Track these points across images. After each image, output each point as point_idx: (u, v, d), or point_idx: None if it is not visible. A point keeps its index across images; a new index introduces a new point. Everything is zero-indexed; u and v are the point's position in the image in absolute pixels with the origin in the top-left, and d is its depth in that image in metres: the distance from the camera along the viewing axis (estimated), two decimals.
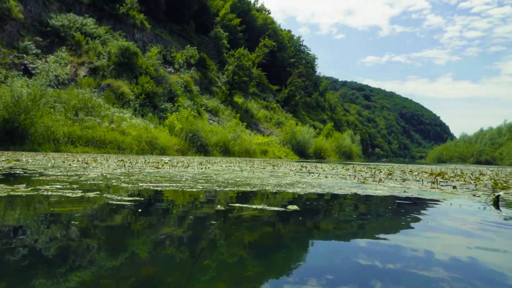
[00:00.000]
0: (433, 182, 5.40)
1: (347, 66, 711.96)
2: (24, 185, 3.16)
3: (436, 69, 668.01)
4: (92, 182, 3.76)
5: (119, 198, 2.68)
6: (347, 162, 24.21)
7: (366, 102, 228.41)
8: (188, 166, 7.55)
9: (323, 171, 8.14)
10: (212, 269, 1.25)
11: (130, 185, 3.58)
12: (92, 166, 6.40)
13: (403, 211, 2.60)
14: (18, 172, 4.65)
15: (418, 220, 2.30)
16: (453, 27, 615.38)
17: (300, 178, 5.56)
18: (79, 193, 2.79)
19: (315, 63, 73.78)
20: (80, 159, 8.60)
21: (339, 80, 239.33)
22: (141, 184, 3.68)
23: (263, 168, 8.27)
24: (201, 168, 7.01)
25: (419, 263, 1.39)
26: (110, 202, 2.51)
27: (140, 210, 2.29)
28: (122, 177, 4.46)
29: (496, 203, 2.88)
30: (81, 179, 4.00)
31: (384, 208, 2.80)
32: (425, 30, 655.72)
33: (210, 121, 29.93)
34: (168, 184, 3.79)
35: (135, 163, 8.10)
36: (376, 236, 1.89)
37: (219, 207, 2.50)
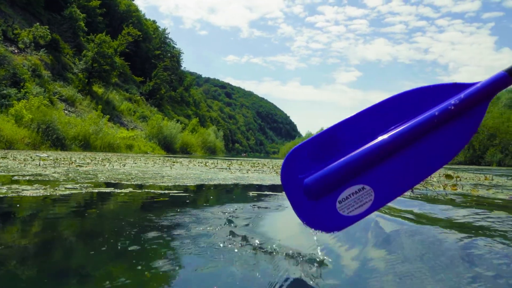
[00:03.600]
0: None
1: (210, 63, 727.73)
2: None
3: (287, 73, 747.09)
4: None
5: None
6: (213, 157, 25.42)
7: (227, 99, 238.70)
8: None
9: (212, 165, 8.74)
10: None
11: None
12: None
13: None
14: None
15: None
16: (301, 37, 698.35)
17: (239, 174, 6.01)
18: None
19: (181, 58, 73.47)
20: None
21: (203, 76, 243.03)
22: None
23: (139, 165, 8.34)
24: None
25: None
26: None
27: None
28: None
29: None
30: None
31: None
32: (279, 37, 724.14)
33: (66, 111, 26.82)
34: None
35: None
36: None
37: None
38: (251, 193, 3.28)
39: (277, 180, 4.90)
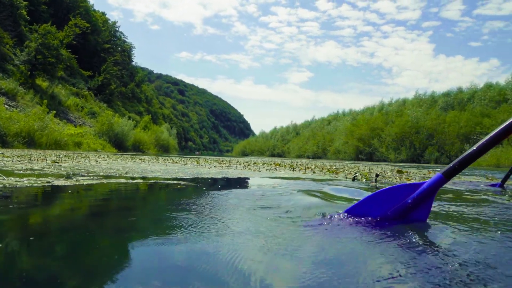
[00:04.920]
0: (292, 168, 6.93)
1: (163, 59, 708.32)
2: None
3: (241, 72, 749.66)
4: None
5: None
6: (166, 155, 25.02)
7: (180, 96, 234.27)
8: None
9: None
10: None
11: None
12: None
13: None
14: None
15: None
16: (255, 36, 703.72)
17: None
18: None
19: (132, 52, 70.93)
20: None
21: (155, 72, 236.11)
22: None
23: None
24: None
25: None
26: None
27: None
28: None
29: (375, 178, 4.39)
30: None
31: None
32: (233, 35, 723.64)
33: (7, 106, 24.91)
34: None
35: None
36: None
37: None
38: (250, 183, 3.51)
39: (245, 174, 5.15)
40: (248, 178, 4.58)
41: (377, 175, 4.61)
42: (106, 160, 8.62)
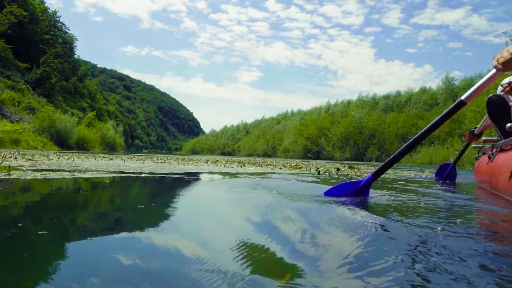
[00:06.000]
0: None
1: (107, 53, 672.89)
2: None
3: (190, 69, 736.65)
4: None
5: None
6: (113, 153, 24.24)
7: (126, 92, 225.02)
8: None
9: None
10: None
11: None
12: None
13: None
14: None
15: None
16: (205, 34, 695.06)
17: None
18: None
19: (74, 45, 66.93)
20: None
21: (98, 66, 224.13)
22: None
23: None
24: None
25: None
26: None
27: None
28: None
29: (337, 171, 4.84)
30: None
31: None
32: (182, 31, 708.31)
33: None
34: None
35: None
36: None
37: None
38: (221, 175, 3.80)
39: (226, 170, 5.44)
40: (238, 172, 4.89)
41: (338, 170, 5.30)
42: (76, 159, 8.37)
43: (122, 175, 3.91)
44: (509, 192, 2.18)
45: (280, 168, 6.78)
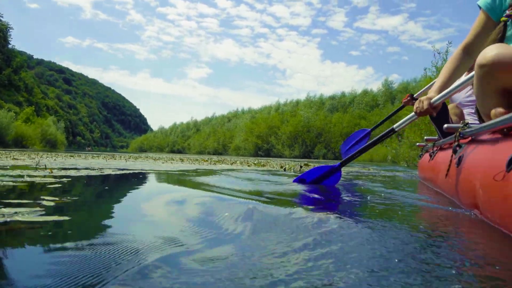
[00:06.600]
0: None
1: (44, 43, 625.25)
2: None
3: (137, 63, 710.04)
4: None
5: None
6: (54, 151, 23.13)
7: (66, 86, 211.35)
8: None
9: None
10: None
11: None
12: None
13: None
14: None
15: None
16: (152, 27, 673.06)
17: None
18: None
19: (9, 34, 61.81)
20: None
21: (35, 57, 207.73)
22: None
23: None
24: None
25: None
26: None
27: None
28: None
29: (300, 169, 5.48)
30: None
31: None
32: (128, 24, 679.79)
33: None
34: None
35: None
36: None
37: None
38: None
39: (188, 167, 5.84)
40: (214, 168, 5.32)
41: (301, 167, 6.09)
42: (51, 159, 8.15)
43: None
44: (447, 189, 2.19)
45: (249, 166, 7.24)
